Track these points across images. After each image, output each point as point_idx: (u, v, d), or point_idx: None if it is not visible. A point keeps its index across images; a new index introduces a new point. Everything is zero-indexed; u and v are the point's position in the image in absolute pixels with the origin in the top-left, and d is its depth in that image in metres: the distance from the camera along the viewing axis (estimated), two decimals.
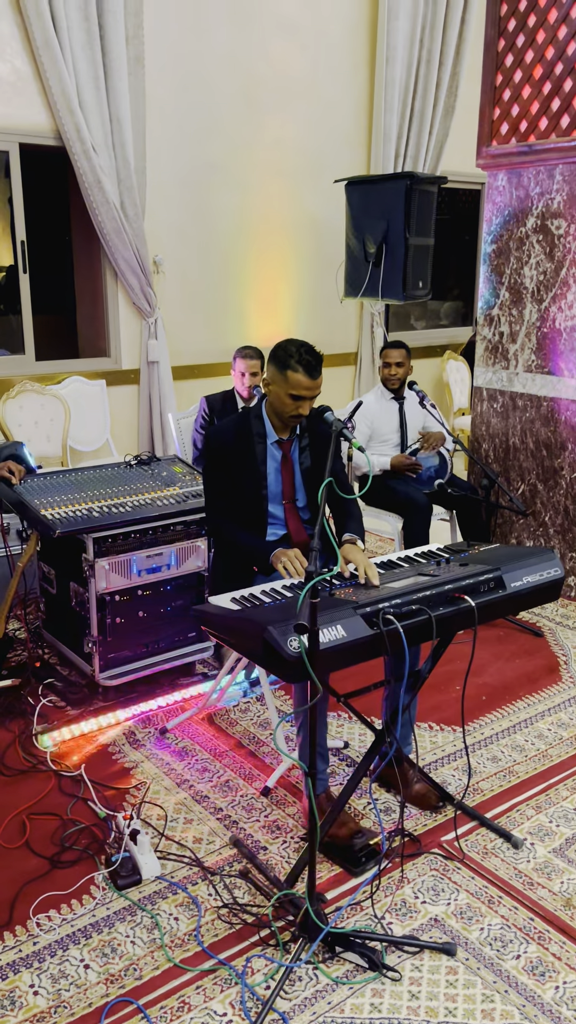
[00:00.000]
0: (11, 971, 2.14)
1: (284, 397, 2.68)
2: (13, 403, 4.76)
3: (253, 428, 2.82)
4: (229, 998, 2.07)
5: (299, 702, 2.52)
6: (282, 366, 2.64)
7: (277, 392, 2.70)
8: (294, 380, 2.63)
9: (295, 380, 2.63)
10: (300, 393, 2.64)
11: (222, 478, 2.84)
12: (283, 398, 2.68)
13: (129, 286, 5.08)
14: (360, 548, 2.59)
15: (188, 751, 3.08)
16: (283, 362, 2.63)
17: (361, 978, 2.13)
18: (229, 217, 5.46)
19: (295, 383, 2.63)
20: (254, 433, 2.82)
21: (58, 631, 3.56)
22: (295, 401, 2.67)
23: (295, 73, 5.51)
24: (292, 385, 2.64)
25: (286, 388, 2.65)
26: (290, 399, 2.67)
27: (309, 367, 2.61)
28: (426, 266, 5.23)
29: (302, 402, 2.66)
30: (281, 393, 2.68)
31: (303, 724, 2.47)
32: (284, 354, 2.64)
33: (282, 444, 2.85)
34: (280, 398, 2.69)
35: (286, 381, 2.64)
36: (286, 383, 2.65)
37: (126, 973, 2.14)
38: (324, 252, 5.83)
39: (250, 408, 2.90)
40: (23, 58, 4.50)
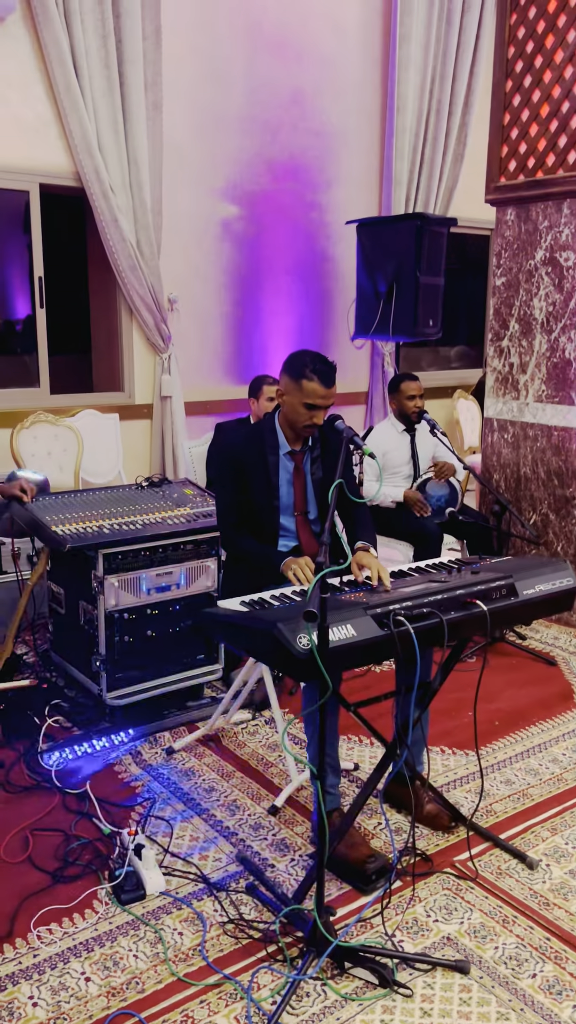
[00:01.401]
0: (10, 983, 2.08)
1: (298, 407, 2.69)
2: (27, 433, 4.81)
3: (266, 440, 2.83)
4: (234, 1012, 1.99)
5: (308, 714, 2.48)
6: (296, 375, 2.66)
7: (291, 402, 2.72)
8: (309, 389, 2.65)
9: (310, 389, 2.65)
10: (315, 402, 2.66)
11: (234, 489, 2.84)
12: (297, 408, 2.70)
13: (144, 322, 5.17)
14: (373, 555, 2.58)
15: (195, 771, 3.03)
16: (298, 371, 2.66)
17: (371, 994, 2.05)
18: (242, 257, 5.58)
19: (310, 392, 2.65)
20: (266, 444, 2.83)
21: (66, 652, 3.53)
22: (310, 411, 2.68)
23: (308, 119, 5.68)
24: (307, 394, 2.65)
25: (300, 397, 2.67)
26: (304, 408, 2.68)
27: (324, 376, 2.64)
28: (436, 305, 5.31)
29: (316, 411, 2.68)
30: (295, 403, 2.70)
31: (313, 735, 2.42)
32: (298, 363, 2.67)
33: (294, 456, 2.86)
34: (294, 408, 2.71)
35: (300, 390, 2.67)
36: (300, 392, 2.67)
37: (128, 986, 2.07)
38: (335, 292, 5.94)
39: (263, 420, 2.91)
40: (45, 103, 4.67)
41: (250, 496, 2.83)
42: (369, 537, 2.73)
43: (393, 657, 2.14)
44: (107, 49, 4.64)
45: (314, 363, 2.64)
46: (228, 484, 2.85)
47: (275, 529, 2.86)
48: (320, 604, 1.89)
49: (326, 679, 1.92)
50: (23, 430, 4.79)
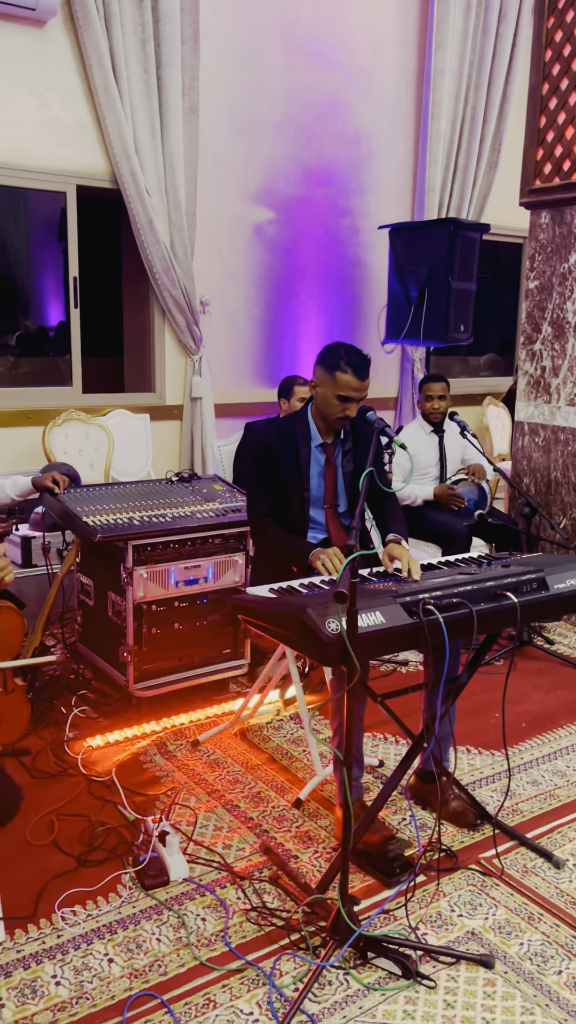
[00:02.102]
0: (33, 961, 2.09)
1: (332, 399, 2.70)
2: (59, 431, 4.86)
3: (298, 431, 2.84)
4: (256, 998, 1.99)
5: (334, 704, 2.48)
6: (330, 367, 2.67)
7: (324, 394, 2.72)
8: (343, 381, 2.66)
9: (344, 381, 2.66)
10: (348, 394, 2.67)
11: (265, 480, 2.85)
12: (330, 399, 2.70)
13: (176, 324, 5.22)
14: (405, 547, 2.57)
15: (220, 763, 3.03)
16: (332, 363, 2.67)
17: (394, 985, 2.03)
18: (274, 260, 5.62)
19: (343, 384, 2.66)
20: (298, 436, 2.84)
21: (94, 643, 3.56)
22: (343, 403, 2.69)
23: (343, 125, 5.72)
24: (340, 386, 2.66)
25: (334, 389, 2.68)
26: (338, 400, 2.69)
27: (358, 368, 2.65)
28: (468, 310, 5.31)
29: (349, 404, 2.68)
30: (329, 395, 2.70)
31: (339, 723, 2.42)
32: (333, 356, 2.68)
33: (326, 448, 2.86)
34: (327, 400, 2.72)
35: (334, 382, 2.67)
36: (334, 384, 2.67)
37: (150, 969, 2.07)
38: (366, 297, 5.95)
39: (295, 413, 2.92)
40: (84, 106, 4.74)
41: (281, 487, 2.84)
42: (400, 529, 2.73)
43: (421, 647, 2.12)
44: (146, 52, 4.71)
45: (349, 355, 2.65)
46: (259, 475, 2.86)
47: (305, 521, 2.87)
48: (350, 588, 1.89)
49: (354, 663, 1.91)
50: (55, 427, 4.85)
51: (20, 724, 2.14)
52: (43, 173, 4.69)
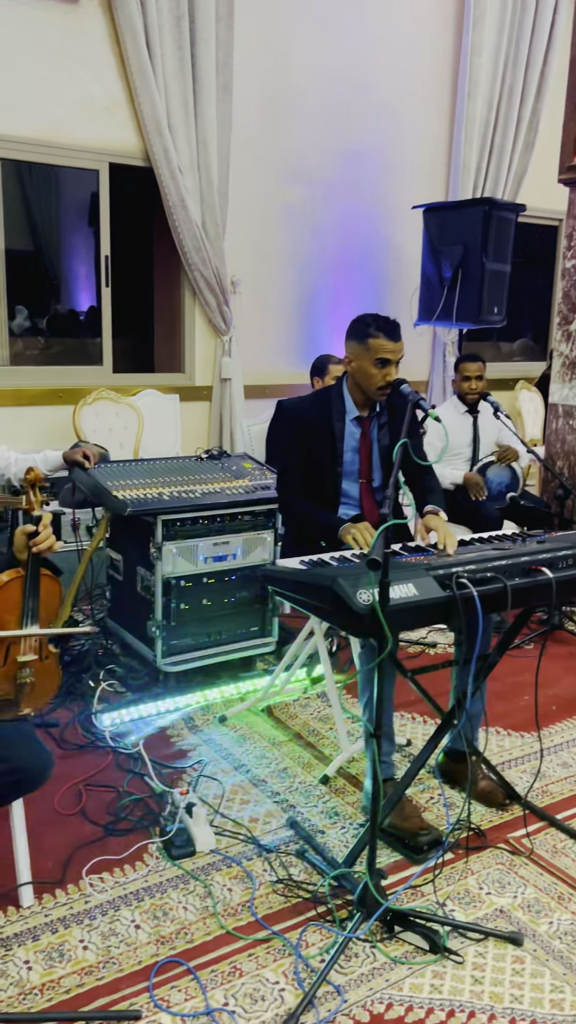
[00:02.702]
0: (61, 925, 2.10)
1: (369, 367, 2.66)
2: (89, 409, 4.87)
3: (333, 405, 2.81)
4: (282, 968, 1.98)
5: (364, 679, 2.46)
6: (361, 337, 2.64)
7: (360, 366, 2.69)
8: (376, 345, 2.62)
9: (377, 345, 2.62)
10: (385, 356, 2.63)
11: (297, 453, 2.82)
12: (368, 369, 2.67)
13: (206, 304, 5.20)
14: (442, 518, 2.54)
15: (246, 738, 3.02)
16: (362, 332, 2.64)
17: (421, 959, 2.02)
18: (306, 240, 5.58)
19: (377, 348, 2.62)
20: (333, 410, 2.80)
21: (123, 618, 3.56)
22: (382, 368, 2.65)
23: (378, 104, 5.65)
24: (375, 351, 2.63)
25: (370, 356, 2.64)
26: (376, 367, 2.65)
27: (389, 329, 2.62)
28: (502, 292, 5.23)
29: (388, 367, 2.64)
30: (366, 364, 2.67)
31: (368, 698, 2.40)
32: (361, 325, 2.65)
33: (362, 421, 2.82)
34: (365, 371, 2.68)
35: (368, 350, 2.64)
36: (368, 351, 2.64)
37: (177, 936, 2.08)
38: (398, 278, 5.89)
39: (331, 387, 2.89)
40: (117, 83, 4.72)
41: (314, 461, 2.81)
42: (438, 502, 2.69)
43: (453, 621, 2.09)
44: (180, 29, 4.68)
45: (376, 320, 2.63)
46: (292, 447, 2.84)
47: (337, 496, 2.84)
48: (384, 557, 1.86)
49: (386, 634, 1.89)
50: (85, 406, 4.86)
51: (52, 690, 2.15)
52: (76, 150, 4.68)
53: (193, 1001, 1.88)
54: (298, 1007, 1.84)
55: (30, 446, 4.50)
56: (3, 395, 4.68)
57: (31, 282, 6.62)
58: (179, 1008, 1.86)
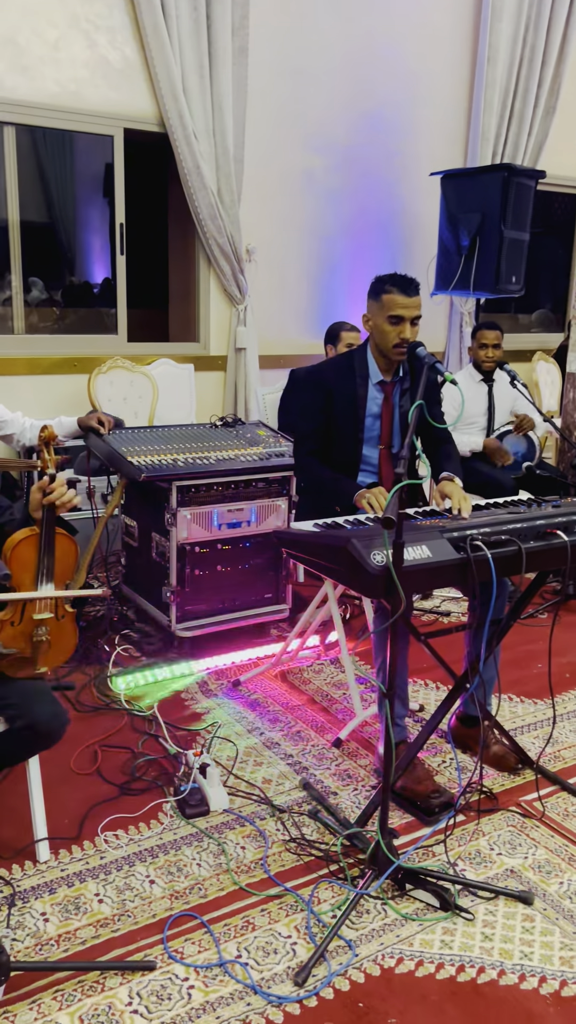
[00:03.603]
0: (77, 880, 2.13)
1: (384, 324, 2.64)
2: (104, 378, 4.86)
3: (356, 369, 2.78)
4: (294, 923, 2.01)
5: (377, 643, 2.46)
6: (377, 293, 2.63)
7: (377, 323, 2.67)
8: (389, 301, 2.60)
9: (390, 301, 2.60)
10: (398, 312, 2.60)
11: (317, 416, 2.81)
12: (383, 326, 2.64)
13: (221, 272, 5.16)
14: (457, 484, 2.53)
15: (260, 703, 3.05)
16: (377, 289, 2.62)
17: (432, 916, 2.04)
18: (322, 208, 5.52)
19: (391, 304, 2.60)
20: (356, 374, 2.77)
21: (138, 584, 3.58)
22: (396, 325, 2.62)
23: (396, 69, 5.56)
24: (388, 307, 2.60)
25: (384, 313, 2.62)
26: (390, 323, 2.62)
27: (403, 285, 2.59)
28: (520, 261, 5.16)
29: (403, 324, 2.61)
30: (380, 321, 2.65)
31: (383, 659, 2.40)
32: (377, 283, 2.63)
33: (385, 386, 2.80)
34: (381, 330, 2.66)
35: (382, 307, 2.62)
36: (383, 309, 2.62)
37: (191, 891, 2.11)
38: (415, 246, 5.82)
39: (354, 350, 2.87)
40: (132, 46, 4.67)
41: (334, 426, 2.79)
42: (454, 468, 2.67)
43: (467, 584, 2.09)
44: None
45: (392, 277, 2.62)
46: (312, 411, 2.81)
47: (356, 461, 2.82)
48: (398, 517, 1.86)
49: (399, 595, 1.89)
50: (100, 375, 4.85)
51: (68, 649, 2.16)
52: (91, 116, 4.64)
53: (206, 953, 1.91)
54: (310, 960, 1.87)
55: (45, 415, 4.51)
56: (19, 364, 4.68)
57: (46, 253, 6.60)
58: (193, 960, 1.89)
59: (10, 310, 4.96)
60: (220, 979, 1.84)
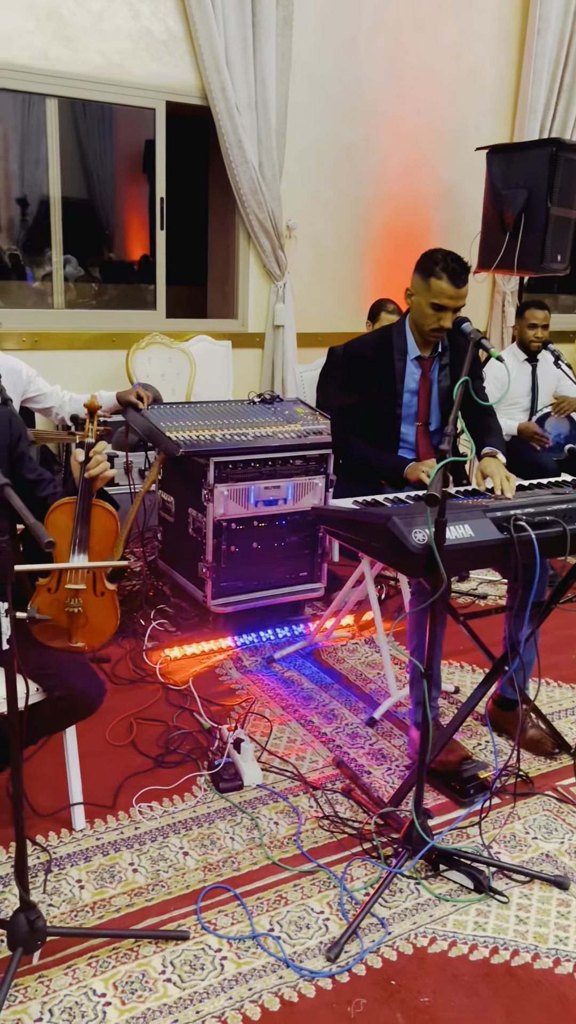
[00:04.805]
0: (112, 849, 2.15)
1: (425, 307, 2.59)
2: (142, 354, 4.86)
3: (394, 343, 2.74)
4: (327, 899, 2.01)
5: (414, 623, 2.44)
6: (426, 274, 2.57)
7: (419, 302, 2.62)
8: (437, 288, 2.55)
9: (438, 288, 2.54)
10: (442, 302, 2.55)
11: (354, 392, 2.77)
12: (424, 308, 2.60)
13: (261, 248, 5.12)
14: (500, 461, 2.48)
15: (294, 680, 3.04)
16: (427, 270, 2.56)
17: (466, 898, 2.02)
18: (364, 183, 5.44)
19: (438, 291, 2.55)
20: (395, 349, 2.73)
21: (173, 559, 3.59)
22: (437, 312, 2.58)
23: (443, 41, 5.44)
24: (434, 293, 2.55)
25: (428, 297, 2.57)
26: (432, 309, 2.58)
27: (454, 274, 2.53)
28: (566, 240, 5.04)
29: (444, 313, 2.57)
30: (423, 303, 2.60)
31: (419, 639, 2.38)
32: (429, 262, 2.56)
33: (422, 362, 2.76)
34: (421, 309, 2.61)
35: (429, 290, 2.57)
36: (428, 292, 2.57)
37: (224, 864, 2.11)
38: (459, 224, 5.72)
39: (392, 324, 2.82)
40: (176, 17, 4.62)
41: (371, 402, 2.76)
42: (497, 443, 2.62)
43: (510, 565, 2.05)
44: None
45: (445, 260, 2.53)
46: (349, 387, 2.78)
47: (395, 438, 2.79)
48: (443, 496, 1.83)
49: (441, 573, 1.86)
50: (139, 351, 4.85)
51: (109, 629, 2.15)
52: (134, 88, 4.60)
53: (239, 925, 1.92)
54: (343, 936, 1.87)
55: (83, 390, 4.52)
56: (58, 339, 4.70)
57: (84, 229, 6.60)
58: (225, 931, 1.90)
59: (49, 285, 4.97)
60: (252, 951, 1.85)
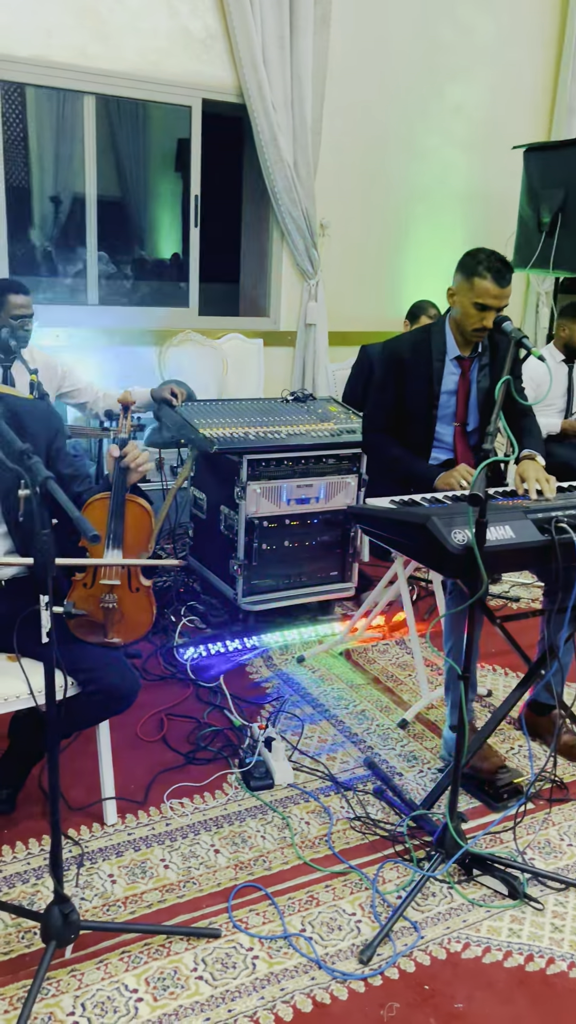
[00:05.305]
0: (143, 844, 2.15)
1: (468, 307, 2.57)
2: (176, 350, 4.87)
3: (433, 343, 2.71)
4: (359, 901, 1.99)
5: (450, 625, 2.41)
6: (469, 273, 2.54)
7: (461, 302, 2.59)
8: (480, 287, 2.52)
9: (481, 287, 2.52)
10: (486, 302, 2.53)
11: (389, 392, 2.75)
12: (467, 308, 2.57)
13: (294, 246, 5.11)
14: (539, 464, 2.45)
15: (324, 679, 3.03)
16: (471, 269, 2.54)
17: (500, 903, 2.00)
18: (399, 182, 5.41)
19: (481, 291, 2.52)
20: (433, 349, 2.71)
21: (205, 557, 3.59)
22: (480, 312, 2.55)
23: (480, 39, 5.40)
24: (478, 293, 2.53)
25: (471, 296, 2.54)
26: (475, 309, 2.55)
27: (498, 274, 2.50)
28: None
29: (487, 313, 2.54)
30: (466, 302, 2.57)
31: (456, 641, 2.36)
32: (472, 261, 2.54)
33: (462, 362, 2.73)
34: (464, 308, 2.59)
35: (472, 289, 2.54)
36: (471, 291, 2.54)
37: (255, 863, 2.11)
38: (494, 224, 5.66)
39: (432, 324, 2.80)
40: (214, 15, 4.61)
41: (407, 401, 2.73)
42: (535, 446, 2.58)
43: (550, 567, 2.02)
44: None
45: (489, 260, 2.50)
46: (385, 386, 2.76)
47: (430, 438, 2.76)
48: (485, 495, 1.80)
49: (482, 575, 1.84)
50: (171, 347, 4.86)
51: (144, 624, 2.15)
52: (170, 85, 4.61)
53: (271, 925, 1.91)
54: (375, 938, 1.85)
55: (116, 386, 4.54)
56: (91, 335, 4.71)
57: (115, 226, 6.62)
58: (257, 930, 1.89)
59: (82, 282, 4.99)
60: (284, 951, 1.84)
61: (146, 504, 2.11)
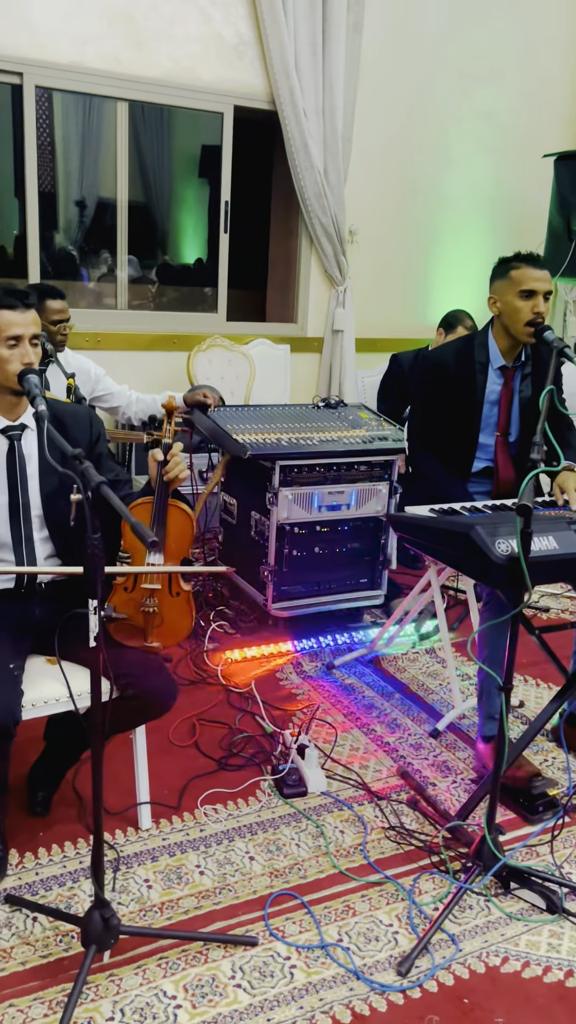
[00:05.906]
0: (178, 850, 2.15)
1: (516, 301, 2.56)
2: (203, 356, 4.88)
3: (476, 353, 2.71)
4: (395, 911, 1.98)
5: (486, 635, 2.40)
6: (504, 271, 2.57)
7: (507, 301, 2.59)
8: (520, 276, 2.54)
9: (521, 276, 2.54)
10: (531, 287, 2.53)
11: (433, 405, 2.75)
12: (515, 303, 2.56)
13: (323, 252, 5.11)
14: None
15: (355, 688, 3.02)
16: (503, 268, 2.58)
17: (538, 918, 1.98)
18: (428, 189, 5.41)
19: (521, 278, 2.54)
20: (476, 359, 2.71)
21: (234, 562, 3.59)
22: (529, 300, 2.54)
23: (512, 46, 5.39)
24: (520, 281, 2.54)
25: (515, 288, 2.55)
26: (522, 298, 2.55)
27: (531, 259, 2.55)
28: None
29: (536, 298, 2.54)
30: (512, 299, 2.57)
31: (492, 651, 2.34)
32: (502, 263, 2.60)
33: (505, 371, 2.73)
34: (511, 305, 2.58)
35: (512, 283, 2.55)
36: (513, 284, 2.55)
37: (290, 871, 2.10)
38: (524, 232, 5.65)
39: (475, 334, 2.80)
40: (247, 22, 4.63)
41: (450, 411, 2.73)
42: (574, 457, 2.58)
43: None
44: None
45: (517, 254, 2.59)
46: (430, 397, 2.76)
47: (472, 448, 2.75)
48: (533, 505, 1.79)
49: (526, 584, 1.83)
50: (199, 353, 4.87)
51: (183, 629, 2.15)
52: (203, 92, 4.63)
53: (307, 934, 1.90)
54: (413, 950, 1.84)
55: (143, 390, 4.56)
56: (119, 339, 4.74)
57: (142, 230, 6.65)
58: (294, 939, 1.88)
59: (110, 287, 5.02)
60: (322, 961, 1.83)
61: (188, 509, 2.12)
